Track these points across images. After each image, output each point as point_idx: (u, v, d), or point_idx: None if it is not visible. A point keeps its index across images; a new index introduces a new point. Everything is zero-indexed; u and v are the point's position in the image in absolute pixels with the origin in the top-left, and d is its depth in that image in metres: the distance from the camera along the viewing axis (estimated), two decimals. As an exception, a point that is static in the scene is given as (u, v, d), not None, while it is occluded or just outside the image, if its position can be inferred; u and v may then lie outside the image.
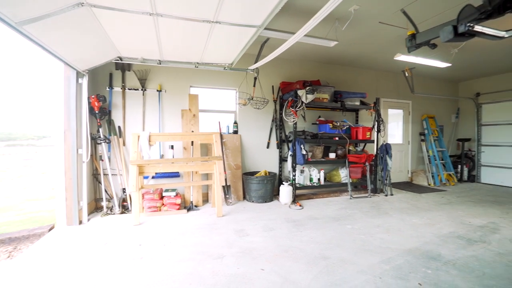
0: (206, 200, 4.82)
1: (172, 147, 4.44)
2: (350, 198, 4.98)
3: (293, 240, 3.02)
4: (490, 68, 6.24)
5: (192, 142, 4.58)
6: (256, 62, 4.10)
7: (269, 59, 3.57)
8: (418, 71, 6.23)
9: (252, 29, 2.91)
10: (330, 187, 5.31)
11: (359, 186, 5.64)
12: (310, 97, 4.39)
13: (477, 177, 7.13)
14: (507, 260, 2.55)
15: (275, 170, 5.32)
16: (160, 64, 3.84)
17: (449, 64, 5.22)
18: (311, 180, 5.08)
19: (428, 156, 6.82)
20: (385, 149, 5.36)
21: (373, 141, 5.43)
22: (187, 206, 4.34)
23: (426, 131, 7.00)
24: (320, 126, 5.30)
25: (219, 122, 4.83)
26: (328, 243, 2.92)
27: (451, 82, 7.63)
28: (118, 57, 3.64)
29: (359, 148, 5.72)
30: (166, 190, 4.23)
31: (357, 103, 5.31)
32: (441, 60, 5.01)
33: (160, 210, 4.02)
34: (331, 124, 5.12)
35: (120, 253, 2.67)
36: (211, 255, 2.64)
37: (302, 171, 4.97)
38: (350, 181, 5.12)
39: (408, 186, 6.41)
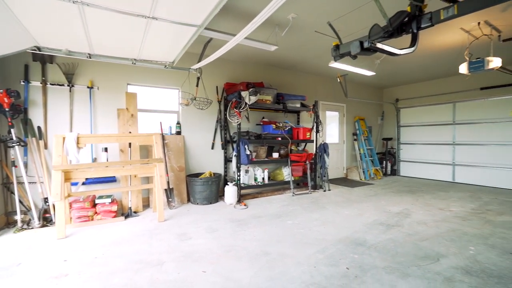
0: (147, 205, 4.54)
1: (106, 149, 4.06)
2: (293, 195, 5.26)
3: (236, 239, 3.06)
4: (406, 78, 7.31)
5: (130, 144, 4.27)
6: (199, 61, 4.03)
7: (212, 59, 3.55)
8: (350, 77, 6.94)
9: (192, 28, 2.86)
10: (274, 186, 5.53)
11: (301, 183, 6.00)
12: (253, 99, 4.51)
13: (397, 171, 8.28)
14: (414, 239, 3.03)
15: (220, 170, 5.31)
16: (90, 58, 3.47)
17: (374, 73, 5.94)
18: (255, 179, 5.21)
19: (360, 153, 7.64)
20: (323, 148, 5.82)
21: (312, 141, 5.85)
22: (125, 212, 4.03)
23: (358, 132, 7.83)
24: (264, 126, 5.48)
25: (160, 122, 4.60)
26: (269, 240, 3.04)
27: (377, 89, 8.70)
28: (35, 46, 3.16)
29: (301, 148, 6.09)
30: (100, 197, 3.85)
31: (298, 105, 5.65)
32: (367, 69, 5.68)
33: (92, 219, 3.63)
34: (274, 125, 5.33)
35: (38, 273, 2.33)
36: (149, 262, 2.50)
37: (246, 171, 5.06)
38: (292, 179, 5.42)
39: (343, 181, 7.07)
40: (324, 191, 5.73)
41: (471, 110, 6.75)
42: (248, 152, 4.59)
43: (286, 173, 5.54)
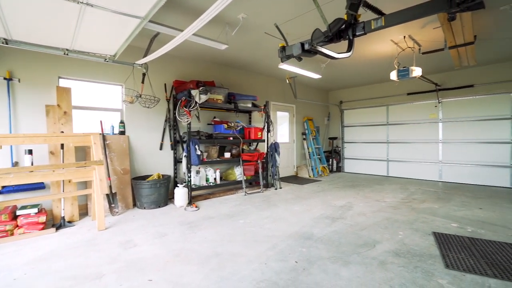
0: (85, 213, 4.08)
1: (30, 152, 3.51)
2: (245, 195, 5.30)
3: (186, 242, 2.95)
4: (348, 82, 7.97)
5: (63, 145, 3.78)
6: (144, 56, 3.77)
7: (158, 54, 3.35)
8: (299, 80, 7.28)
9: (136, 20, 2.66)
10: (227, 186, 5.50)
11: (253, 182, 6.07)
12: (204, 98, 4.41)
13: (342, 168, 8.97)
14: (355, 229, 3.31)
15: (170, 172, 5.06)
16: (7, 44, 2.97)
17: (320, 76, 6.34)
18: (207, 180, 5.11)
19: (309, 152, 8.08)
20: (274, 147, 5.99)
21: (264, 141, 5.97)
22: (57, 223, 3.56)
23: (307, 131, 8.26)
24: (215, 126, 5.40)
25: (101, 121, 4.18)
26: (221, 240, 3.00)
27: (324, 91, 9.30)
28: None
29: (252, 147, 6.17)
30: (24, 207, 3.33)
31: (249, 105, 5.71)
32: (314, 72, 6.03)
33: (12, 234, 3.11)
34: (226, 125, 5.30)
35: None
36: (86, 277, 2.25)
37: (198, 172, 4.92)
38: (245, 178, 5.46)
39: (294, 179, 7.39)
40: (276, 189, 5.90)
41: (400, 112, 7.68)
42: (199, 152, 4.47)
43: (238, 172, 5.55)
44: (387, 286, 2.08)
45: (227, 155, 5.41)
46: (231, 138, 5.31)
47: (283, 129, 7.91)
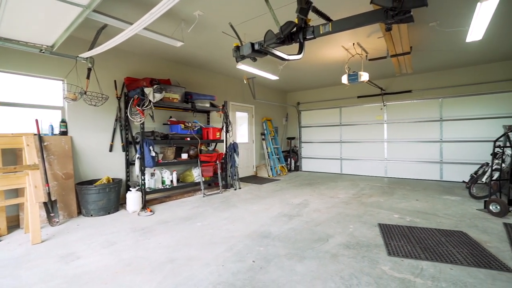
0: (16, 225, 3.58)
1: None
2: (203, 196, 5.18)
3: (138, 250, 2.76)
4: (305, 84, 8.31)
5: (-13, 147, 3.27)
6: (90, 49, 3.45)
7: (105, 48, 3.10)
8: (258, 81, 7.37)
9: (77, 8, 2.42)
10: (184, 188, 5.31)
11: (212, 183, 5.97)
12: (158, 96, 4.20)
13: (300, 167, 9.32)
14: (310, 225, 3.46)
15: (122, 175, 4.71)
16: None
17: (278, 78, 6.50)
18: (163, 182, 4.87)
19: (268, 152, 8.23)
20: (233, 147, 5.96)
21: (223, 141, 5.91)
22: (-21, 238, 3.06)
23: (265, 132, 8.40)
24: (171, 126, 5.19)
25: (36, 120, 3.71)
26: (176, 245, 2.88)
27: (282, 92, 9.56)
28: None
29: (211, 148, 6.06)
30: None
31: (208, 105, 5.61)
32: (272, 73, 6.16)
33: None
34: (182, 125, 5.12)
35: None
36: (15, 298, 1.96)
37: (152, 174, 4.67)
38: (203, 179, 5.34)
39: (253, 179, 7.45)
40: (235, 189, 5.88)
41: (352, 114, 8.25)
42: (153, 154, 4.24)
43: (196, 174, 5.40)
44: (338, 277, 2.20)
45: (184, 156, 5.23)
46: (189, 139, 5.15)
47: (242, 129, 7.93)
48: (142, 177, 4.27)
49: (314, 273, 2.27)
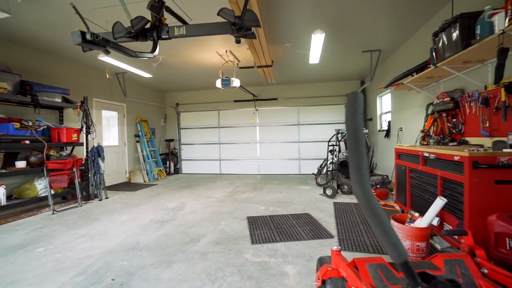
0: None
1: None
2: (53, 213, 4.15)
3: None
4: (184, 85, 8.16)
5: None
6: None
7: None
8: (131, 77, 6.63)
9: None
10: (22, 206, 4.07)
11: (68, 196, 4.89)
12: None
13: (180, 169, 9.07)
14: (183, 228, 3.41)
15: None
16: None
17: (151, 75, 6.07)
18: (-18, 202, 3.57)
19: (143, 155, 7.54)
20: (97, 151, 5.10)
21: (82, 144, 4.95)
22: None
23: (140, 133, 7.66)
24: (-2, 125, 3.88)
25: None
26: (-3, 284, 2.16)
27: (160, 92, 9.01)
28: None
29: (65, 153, 4.95)
30: None
31: (59, 99, 4.55)
32: (144, 71, 5.69)
33: None
34: (17, 124, 3.92)
35: None
36: None
37: (-39, 192, 3.33)
38: (53, 192, 4.28)
39: (125, 186, 6.64)
40: (100, 200, 5.04)
41: (229, 117, 8.78)
42: (-39, 163, 3.02)
43: (41, 186, 4.26)
44: (205, 274, 2.26)
45: (21, 164, 4.01)
46: (28, 142, 4.00)
47: (113, 131, 6.92)
48: None
49: (182, 276, 2.24)
